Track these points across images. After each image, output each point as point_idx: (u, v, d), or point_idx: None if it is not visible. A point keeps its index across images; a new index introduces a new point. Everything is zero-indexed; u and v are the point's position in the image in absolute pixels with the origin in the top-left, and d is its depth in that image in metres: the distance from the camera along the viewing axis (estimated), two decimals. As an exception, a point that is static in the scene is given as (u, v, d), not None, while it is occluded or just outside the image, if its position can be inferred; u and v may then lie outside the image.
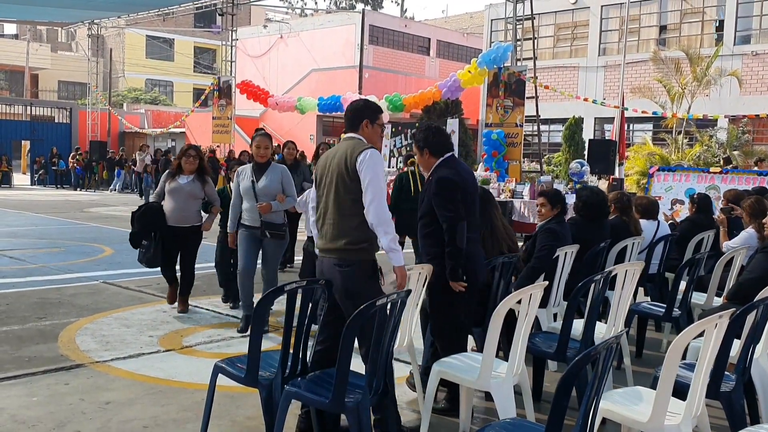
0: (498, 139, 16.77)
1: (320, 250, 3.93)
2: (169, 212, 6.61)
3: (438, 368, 3.83)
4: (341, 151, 3.88)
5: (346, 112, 4.04)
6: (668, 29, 24.65)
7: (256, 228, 6.01)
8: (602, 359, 2.65)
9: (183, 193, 6.56)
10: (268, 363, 3.69)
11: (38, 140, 29.91)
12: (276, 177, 6.04)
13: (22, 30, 49.84)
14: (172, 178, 6.69)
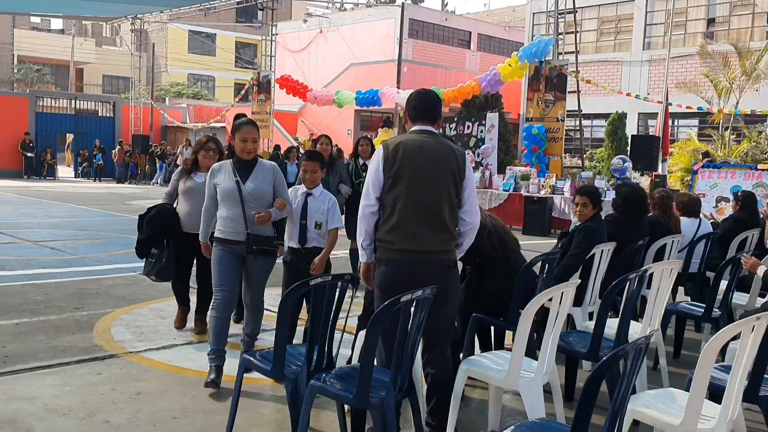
0: (539, 133, 16.57)
1: (421, 252, 3.57)
2: (184, 216, 5.62)
3: (466, 366, 3.77)
4: (441, 148, 3.63)
5: (427, 102, 3.74)
6: (716, 22, 24.03)
7: (239, 243, 4.61)
8: (631, 359, 2.57)
9: (201, 194, 5.03)
10: (295, 357, 3.69)
11: (82, 133, 30.52)
12: (267, 177, 4.67)
13: (67, 25, 50.91)
14: (188, 175, 5.68)
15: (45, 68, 46.99)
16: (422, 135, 3.68)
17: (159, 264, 5.61)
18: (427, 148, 3.61)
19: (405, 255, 3.56)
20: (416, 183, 3.55)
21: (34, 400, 4.22)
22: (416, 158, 3.57)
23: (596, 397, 2.50)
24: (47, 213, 15.04)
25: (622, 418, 2.65)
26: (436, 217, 3.58)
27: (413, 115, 3.77)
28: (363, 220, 3.68)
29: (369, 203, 3.64)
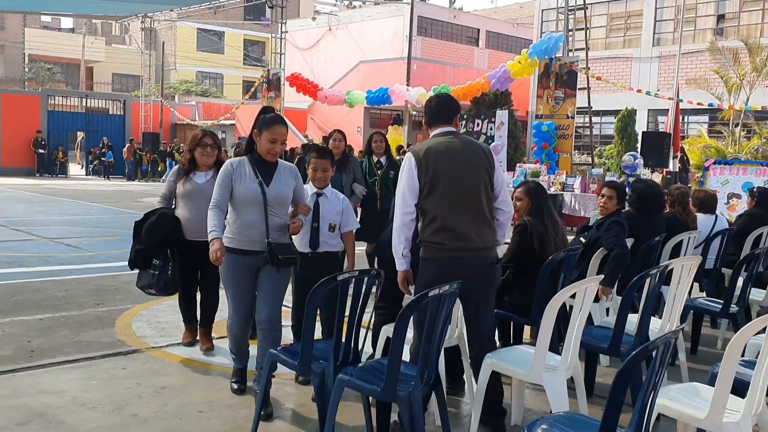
0: (548, 130, 16.57)
1: (471, 250, 3.70)
2: (185, 222, 5.01)
3: (490, 360, 3.81)
4: (469, 146, 3.79)
5: (445, 104, 3.89)
6: (726, 18, 23.94)
7: (254, 254, 4.11)
8: (660, 354, 2.61)
9: (203, 196, 4.66)
10: (319, 352, 3.74)
11: (93, 131, 30.67)
12: (289, 181, 4.23)
13: (78, 24, 51.12)
14: (185, 176, 5.06)
15: (56, 67, 47.21)
16: (447, 137, 3.80)
17: (164, 277, 4.96)
18: (455, 148, 3.74)
19: (455, 254, 3.68)
20: (454, 184, 3.68)
21: (63, 393, 4.29)
22: (448, 160, 3.69)
23: (626, 390, 2.55)
24: (61, 210, 15.15)
25: (651, 411, 2.69)
26: (479, 213, 3.73)
27: (432, 119, 3.89)
28: (402, 228, 3.74)
29: (407, 210, 3.72)
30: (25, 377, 4.56)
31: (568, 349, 3.66)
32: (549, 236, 4.77)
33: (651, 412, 2.71)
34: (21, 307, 6.35)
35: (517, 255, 4.78)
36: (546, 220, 4.79)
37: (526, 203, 4.87)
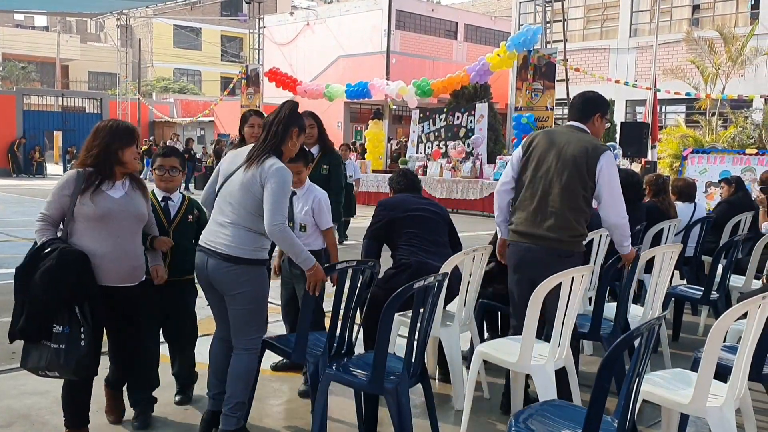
0: (528, 122, 16.64)
1: (528, 236, 3.87)
2: (100, 259, 3.42)
3: (481, 350, 3.86)
4: (576, 142, 3.86)
5: (583, 100, 4.02)
6: (701, 8, 24.17)
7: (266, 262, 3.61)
8: (644, 340, 2.63)
9: (122, 217, 3.48)
10: (312, 343, 3.75)
11: (70, 130, 30.36)
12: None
13: (52, 22, 50.51)
14: (95, 187, 3.43)
15: (30, 66, 46.60)
16: (563, 128, 4.01)
17: (75, 352, 3.31)
18: (557, 140, 3.91)
19: (518, 237, 3.92)
20: (537, 171, 3.87)
21: (46, 394, 4.25)
22: (543, 148, 3.88)
23: (612, 377, 2.57)
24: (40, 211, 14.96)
25: (637, 397, 2.72)
26: (549, 204, 3.84)
27: (571, 114, 4.08)
28: (496, 195, 4.12)
29: (505, 180, 4.07)
30: (7, 379, 4.51)
31: (556, 339, 3.67)
32: None
33: (636, 398, 2.74)
34: (1, 309, 6.26)
35: None
36: None
37: None
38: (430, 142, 19.45)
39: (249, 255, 3.40)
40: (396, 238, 4.50)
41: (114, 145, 3.42)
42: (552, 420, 2.89)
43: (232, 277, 3.36)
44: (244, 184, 3.39)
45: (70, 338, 3.29)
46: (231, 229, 3.40)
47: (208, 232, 3.54)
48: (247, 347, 3.51)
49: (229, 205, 3.44)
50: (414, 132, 20.08)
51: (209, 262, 3.43)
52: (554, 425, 2.85)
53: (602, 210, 3.88)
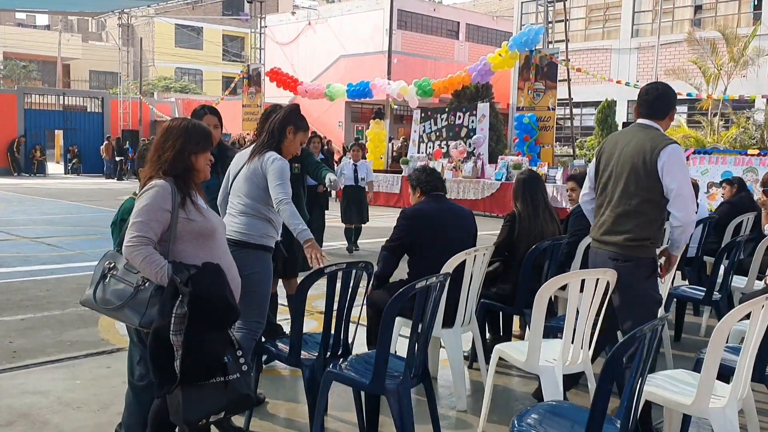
0: (530, 122, 16.63)
1: (595, 240, 3.88)
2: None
3: (498, 348, 3.89)
4: (637, 140, 3.71)
5: (656, 96, 3.78)
6: (703, 9, 24.14)
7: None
8: (647, 341, 2.62)
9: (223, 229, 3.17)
10: (309, 345, 3.74)
11: (71, 129, 30.34)
12: None
13: (53, 21, 50.51)
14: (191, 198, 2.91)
15: (31, 64, 46.60)
16: (630, 128, 3.88)
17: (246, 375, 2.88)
18: (619, 142, 3.80)
19: (592, 242, 3.93)
20: (602, 177, 3.84)
21: (47, 393, 4.24)
22: (608, 153, 3.83)
23: (614, 378, 2.56)
24: (41, 210, 14.98)
25: (639, 398, 2.71)
26: (617, 208, 3.75)
27: (639, 111, 3.88)
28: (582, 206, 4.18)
29: (584, 192, 4.10)
30: (7, 378, 4.51)
31: (568, 342, 3.63)
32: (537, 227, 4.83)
33: (639, 399, 2.72)
34: (2, 308, 6.27)
35: (506, 245, 4.82)
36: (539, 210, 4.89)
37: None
38: (432, 142, 19.43)
39: (255, 240, 3.70)
40: (417, 253, 4.31)
41: (188, 150, 2.91)
42: (555, 420, 2.88)
43: (239, 261, 3.30)
44: (248, 177, 3.75)
45: (236, 364, 2.84)
46: (240, 218, 3.73)
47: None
48: (248, 327, 3.67)
49: (238, 197, 3.78)
50: (415, 132, 20.06)
51: None
52: (557, 426, 2.84)
53: (670, 207, 3.70)
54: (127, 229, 2.77)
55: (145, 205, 2.76)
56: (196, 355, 2.65)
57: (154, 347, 2.65)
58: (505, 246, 4.84)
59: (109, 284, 2.82)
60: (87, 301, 2.89)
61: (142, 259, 2.70)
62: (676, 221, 3.68)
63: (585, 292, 3.59)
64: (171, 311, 2.63)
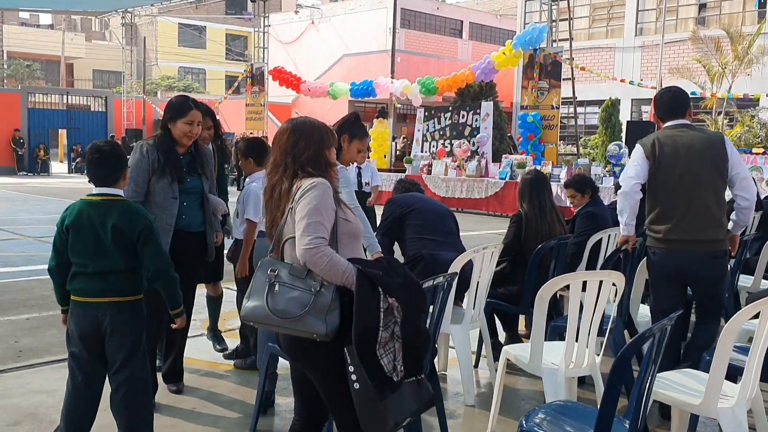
0: (534, 121, 16.61)
1: (687, 242, 3.90)
2: None
3: (506, 349, 3.90)
4: (699, 137, 3.90)
5: (673, 96, 3.99)
6: (708, 7, 24.10)
7: None
8: (656, 341, 2.61)
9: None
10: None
11: (75, 129, 30.39)
12: None
13: (57, 20, 50.53)
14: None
15: (35, 64, 46.67)
16: (677, 129, 3.96)
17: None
18: (679, 141, 3.89)
19: (672, 245, 3.91)
20: (672, 178, 3.85)
21: (53, 393, 4.24)
22: (670, 155, 3.85)
23: (624, 378, 2.55)
24: (45, 209, 15.00)
25: (648, 398, 2.70)
26: (705, 207, 3.84)
27: (665, 113, 4.03)
28: (629, 198, 4.03)
29: (637, 182, 3.99)
30: (14, 377, 4.51)
31: (571, 344, 3.60)
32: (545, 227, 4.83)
33: (648, 399, 2.71)
34: (7, 307, 6.27)
35: (514, 246, 4.82)
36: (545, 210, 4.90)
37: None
38: (435, 141, 19.42)
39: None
40: (406, 232, 4.52)
41: (325, 146, 2.78)
42: (563, 420, 2.87)
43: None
44: None
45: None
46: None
47: None
48: None
49: None
50: (419, 131, 20.05)
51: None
52: (565, 426, 2.83)
53: (741, 190, 3.89)
54: (302, 231, 2.53)
55: (316, 205, 2.56)
56: (416, 349, 2.56)
57: (365, 350, 2.45)
58: (512, 246, 4.83)
59: (280, 293, 2.53)
60: (253, 315, 2.57)
61: (327, 261, 2.50)
62: (745, 202, 3.91)
63: (589, 294, 3.58)
64: (378, 308, 2.48)
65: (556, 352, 3.69)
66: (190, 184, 4.12)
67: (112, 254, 3.18)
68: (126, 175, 3.38)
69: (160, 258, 3.27)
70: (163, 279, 3.27)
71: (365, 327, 2.45)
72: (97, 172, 3.28)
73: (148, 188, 4.00)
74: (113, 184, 3.28)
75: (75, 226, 3.20)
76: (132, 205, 3.34)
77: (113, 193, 3.28)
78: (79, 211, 3.23)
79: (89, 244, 3.19)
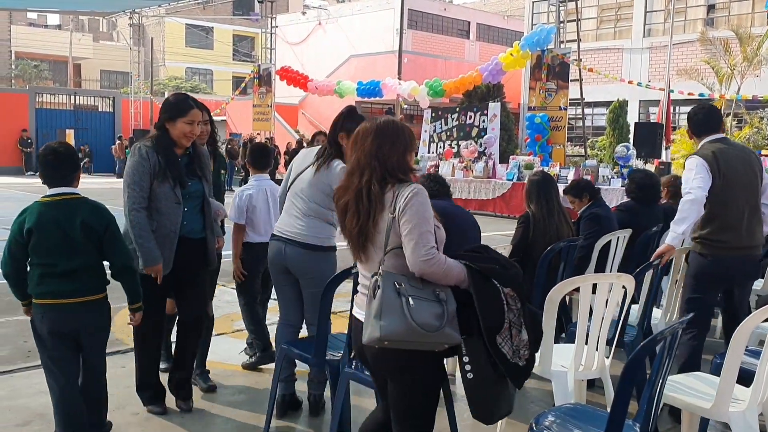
0: (541, 122, 16.59)
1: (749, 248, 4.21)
2: None
3: None
4: (744, 153, 4.30)
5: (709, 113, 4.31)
6: (716, 8, 24.00)
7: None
8: (667, 345, 2.60)
9: None
10: (333, 345, 3.76)
11: (82, 129, 30.48)
12: None
13: (64, 20, 50.74)
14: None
15: (43, 64, 46.86)
16: (720, 143, 4.23)
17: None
18: (730, 153, 4.18)
19: (733, 252, 4.16)
20: (732, 189, 4.11)
21: (62, 393, 4.24)
22: (727, 166, 4.10)
23: (635, 381, 2.54)
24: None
25: (659, 402, 2.68)
26: (755, 214, 4.22)
27: (701, 128, 4.32)
28: (697, 205, 4.08)
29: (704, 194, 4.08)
30: (22, 378, 4.52)
31: (580, 347, 3.59)
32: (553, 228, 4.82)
33: (659, 402, 2.70)
34: (15, 307, 6.20)
35: (522, 247, 4.82)
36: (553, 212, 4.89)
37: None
38: (442, 142, 19.41)
39: (323, 243, 3.84)
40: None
41: (409, 150, 2.73)
42: (573, 423, 2.85)
43: (310, 263, 3.79)
44: (314, 183, 3.79)
45: None
46: (306, 221, 3.81)
47: (283, 223, 3.91)
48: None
49: (301, 199, 3.85)
50: (425, 131, 20.04)
51: (287, 249, 3.81)
52: (575, 429, 2.81)
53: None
54: (415, 242, 2.48)
55: (423, 214, 2.53)
56: (538, 332, 2.67)
57: (493, 342, 2.51)
58: (520, 247, 4.83)
59: (417, 306, 2.45)
60: (393, 333, 2.41)
61: (444, 268, 2.51)
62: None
63: (599, 296, 3.56)
64: (501, 300, 2.54)
65: (565, 354, 3.67)
66: (192, 187, 3.91)
67: (82, 251, 3.28)
68: (79, 175, 3.47)
69: (125, 253, 3.44)
70: (127, 273, 3.46)
71: (495, 322, 2.50)
72: (54, 173, 3.33)
73: (149, 194, 3.77)
74: (70, 184, 3.36)
75: (38, 227, 3.24)
76: (96, 202, 3.44)
77: (72, 192, 3.35)
78: (39, 212, 3.27)
79: (56, 244, 3.25)
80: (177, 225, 3.82)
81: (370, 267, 2.61)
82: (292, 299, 3.99)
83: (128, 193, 3.65)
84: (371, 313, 2.45)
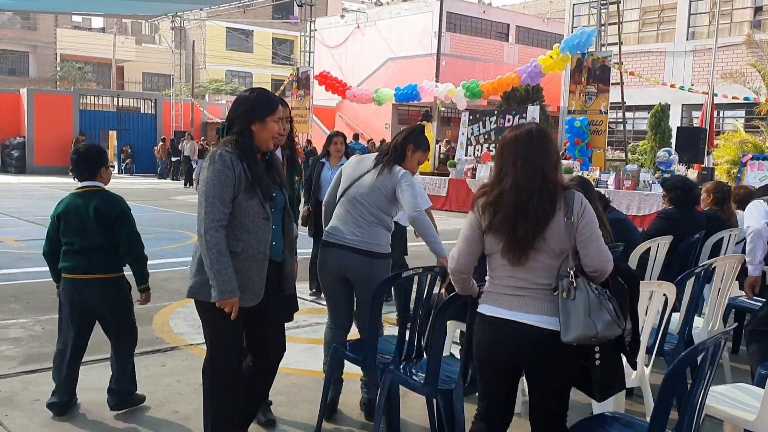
0: (581, 126, 16.41)
1: None
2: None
3: None
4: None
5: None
6: (763, 10, 23.47)
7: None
8: (710, 355, 2.55)
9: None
10: (383, 347, 3.78)
11: (125, 130, 31.07)
12: None
13: (108, 24, 51.77)
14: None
15: (87, 66, 47.88)
16: None
17: None
18: None
19: None
20: None
21: (104, 390, 4.29)
22: None
23: (675, 392, 2.50)
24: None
25: (701, 413, 2.64)
26: None
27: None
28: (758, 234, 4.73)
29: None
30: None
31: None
32: None
33: (701, 413, 2.65)
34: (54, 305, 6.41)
35: None
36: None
37: None
38: (480, 145, 19.32)
39: (384, 250, 3.89)
40: None
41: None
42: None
43: (372, 271, 3.81)
44: (377, 187, 3.84)
45: None
46: (367, 228, 3.83)
47: (339, 229, 3.88)
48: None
49: (362, 205, 3.85)
50: (463, 134, 19.97)
51: (347, 256, 3.81)
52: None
53: None
54: (597, 248, 2.73)
55: (595, 220, 2.80)
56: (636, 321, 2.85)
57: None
58: None
59: (608, 305, 2.70)
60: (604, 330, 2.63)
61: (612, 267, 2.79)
62: None
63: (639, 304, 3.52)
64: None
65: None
66: (276, 198, 3.26)
67: (95, 233, 3.86)
68: (105, 170, 4.06)
69: (134, 237, 4.00)
70: (133, 255, 4.00)
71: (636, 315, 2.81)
72: (78, 168, 3.99)
73: (233, 209, 3.10)
74: (93, 178, 3.99)
75: (64, 214, 3.91)
76: (111, 193, 4.04)
77: (93, 185, 3.99)
78: (67, 202, 3.94)
79: (75, 226, 3.88)
80: (267, 245, 3.18)
81: (531, 267, 2.69)
82: (345, 303, 4.01)
83: (206, 207, 3.03)
84: (581, 312, 2.59)
